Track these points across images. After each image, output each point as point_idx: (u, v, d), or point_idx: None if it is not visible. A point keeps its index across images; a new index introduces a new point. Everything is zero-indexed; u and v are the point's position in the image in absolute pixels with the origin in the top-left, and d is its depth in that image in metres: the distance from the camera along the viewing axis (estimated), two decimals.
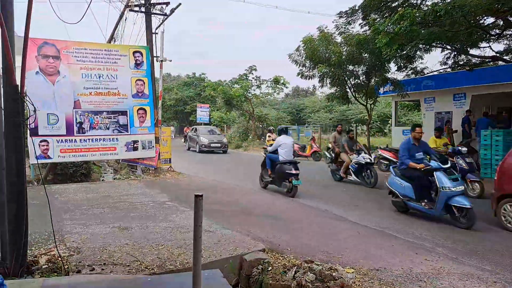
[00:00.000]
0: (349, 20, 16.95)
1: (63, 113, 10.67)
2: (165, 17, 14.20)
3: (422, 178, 7.73)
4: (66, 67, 10.76)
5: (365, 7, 15.63)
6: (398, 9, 12.68)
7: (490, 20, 14.30)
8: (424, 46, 15.42)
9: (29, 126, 9.91)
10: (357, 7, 16.22)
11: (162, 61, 14.17)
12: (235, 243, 5.67)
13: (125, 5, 14.12)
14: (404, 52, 14.73)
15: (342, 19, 17.10)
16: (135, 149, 11.88)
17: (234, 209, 8.30)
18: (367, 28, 16.23)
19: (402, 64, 17.04)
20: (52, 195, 9.40)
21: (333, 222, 7.46)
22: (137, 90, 11.88)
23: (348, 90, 18.26)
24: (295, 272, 4.72)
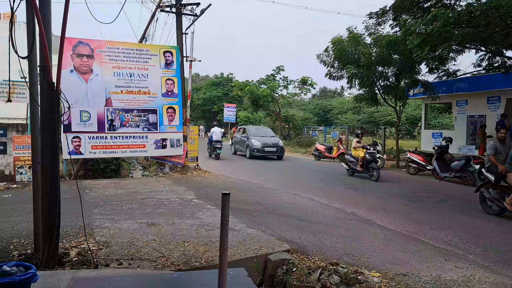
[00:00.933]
0: (379, 21, 16.73)
1: (95, 110, 10.90)
2: (195, 17, 14.37)
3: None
4: (99, 66, 11.00)
5: (396, 8, 15.39)
6: (430, 10, 12.41)
7: None
8: (457, 47, 15.06)
9: (63, 122, 10.29)
10: (387, 8, 15.99)
11: (191, 61, 14.36)
12: (260, 243, 5.70)
13: (156, 5, 14.36)
14: (436, 53, 14.42)
15: (372, 20, 16.91)
16: (164, 147, 12.03)
17: (259, 208, 8.33)
18: (397, 29, 15.98)
19: (433, 66, 16.67)
20: (82, 190, 9.67)
21: (359, 225, 7.38)
22: (166, 89, 12.03)
23: (377, 91, 18.03)
24: (320, 274, 4.71)
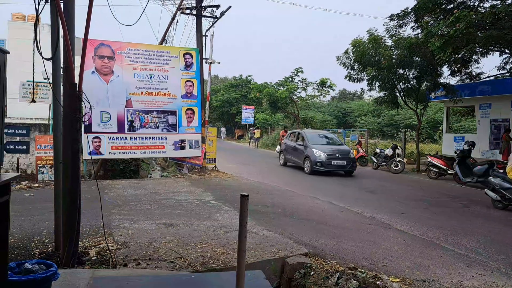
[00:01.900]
0: (401, 23, 16.54)
1: (115, 111, 11.08)
2: (215, 19, 14.44)
3: None
4: (120, 67, 11.17)
5: (418, 10, 15.19)
6: (453, 12, 12.21)
7: None
8: (480, 50, 14.78)
9: (84, 122, 10.46)
10: (409, 10, 15.80)
11: (211, 63, 14.44)
12: (277, 246, 5.67)
13: (177, 7, 14.48)
14: (459, 56, 14.18)
15: (393, 22, 16.73)
16: (183, 148, 12.14)
17: (277, 211, 8.30)
18: (419, 31, 15.77)
19: (456, 69, 16.39)
20: (102, 190, 9.77)
21: (379, 229, 7.28)
22: (186, 91, 12.14)
23: (397, 94, 17.82)
24: (338, 278, 4.66)
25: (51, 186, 9.49)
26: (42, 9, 4.49)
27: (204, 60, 14.19)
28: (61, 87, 4.73)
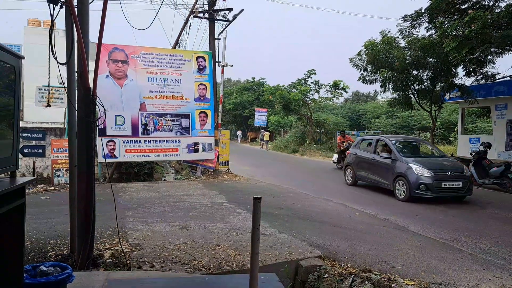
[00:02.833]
0: (414, 24, 16.38)
1: (129, 115, 11.19)
2: (228, 23, 14.51)
3: None
4: (134, 71, 11.29)
5: (432, 10, 15.01)
6: (468, 12, 12.05)
7: None
8: (496, 50, 14.54)
9: (98, 126, 10.58)
10: (423, 10, 15.65)
11: (223, 66, 14.49)
12: (291, 248, 5.65)
13: (190, 11, 14.59)
14: (474, 56, 13.98)
15: (406, 22, 16.57)
16: (196, 151, 12.21)
17: (290, 213, 8.27)
18: (433, 31, 15.59)
19: (471, 69, 16.16)
20: (116, 193, 9.86)
21: (393, 232, 7.21)
22: (199, 94, 12.22)
23: (411, 95, 17.65)
24: (352, 281, 4.62)
25: (66, 189, 9.61)
26: (57, 15, 4.57)
27: (217, 63, 14.27)
28: (76, 91, 4.79)
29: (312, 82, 31.30)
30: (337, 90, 30.31)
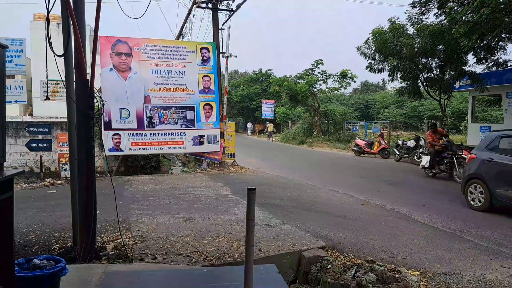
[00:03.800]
0: (423, 10, 16.06)
1: (134, 108, 11.16)
2: (231, 12, 14.38)
3: None
4: (137, 64, 11.24)
5: None
6: None
7: None
8: (507, 35, 14.22)
9: (103, 120, 10.58)
10: None
11: (228, 57, 14.38)
12: (294, 239, 5.60)
13: (193, 1, 14.47)
14: (485, 42, 13.67)
15: (415, 9, 16.26)
16: (201, 143, 12.17)
17: (295, 204, 8.22)
18: (442, 18, 15.28)
19: (481, 56, 15.84)
20: (122, 186, 9.92)
21: (399, 222, 7.13)
22: (203, 86, 12.14)
23: (420, 84, 17.41)
24: (356, 271, 4.57)
25: None
26: (52, 6, 4.52)
27: (221, 54, 14.16)
28: (74, 84, 4.76)
29: (319, 72, 31.00)
30: (344, 80, 29.95)
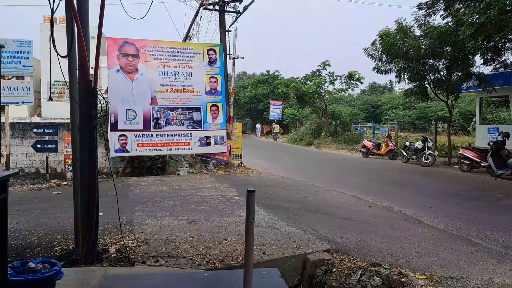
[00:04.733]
0: (430, 12, 15.98)
1: (140, 109, 11.17)
2: (238, 14, 14.37)
3: None
4: (144, 65, 11.24)
5: None
6: None
7: None
8: None
9: (109, 121, 10.60)
10: None
11: (234, 58, 14.35)
12: (299, 242, 5.53)
13: (200, 3, 14.48)
14: (492, 43, 13.54)
15: (421, 11, 16.18)
16: (208, 144, 12.15)
17: (301, 206, 8.15)
18: (449, 19, 15.18)
19: (488, 57, 15.69)
20: (127, 187, 9.91)
21: (406, 224, 7.03)
22: (210, 87, 12.13)
23: (427, 85, 17.29)
24: (361, 275, 4.49)
25: None
26: (57, 7, 4.51)
27: (228, 56, 14.14)
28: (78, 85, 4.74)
29: (326, 74, 30.93)
30: (352, 81, 29.87)
